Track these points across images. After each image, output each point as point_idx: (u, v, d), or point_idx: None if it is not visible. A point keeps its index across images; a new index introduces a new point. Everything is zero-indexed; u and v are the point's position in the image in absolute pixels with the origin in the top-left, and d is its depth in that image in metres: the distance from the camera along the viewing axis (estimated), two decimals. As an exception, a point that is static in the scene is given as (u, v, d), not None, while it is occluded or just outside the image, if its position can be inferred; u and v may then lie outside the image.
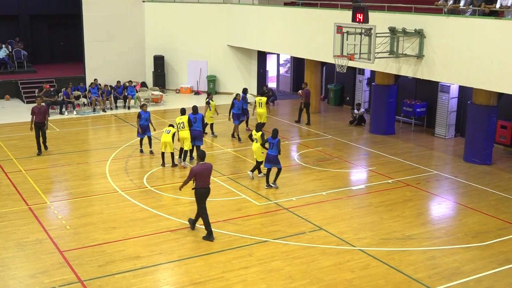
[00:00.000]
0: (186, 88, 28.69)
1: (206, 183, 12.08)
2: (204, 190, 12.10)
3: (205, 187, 12.09)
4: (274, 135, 15.14)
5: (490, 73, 15.62)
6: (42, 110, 17.72)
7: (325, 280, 10.56)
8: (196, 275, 10.68)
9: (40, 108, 17.68)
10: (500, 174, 16.93)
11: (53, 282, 10.37)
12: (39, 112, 17.63)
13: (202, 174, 12.01)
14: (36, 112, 17.62)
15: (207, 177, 12.13)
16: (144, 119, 17.80)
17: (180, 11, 28.37)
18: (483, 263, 11.34)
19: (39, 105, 17.72)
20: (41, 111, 17.66)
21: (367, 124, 22.46)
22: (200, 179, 11.98)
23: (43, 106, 17.88)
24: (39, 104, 17.78)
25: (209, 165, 12.28)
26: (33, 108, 17.74)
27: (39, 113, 17.63)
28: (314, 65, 24.57)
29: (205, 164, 12.17)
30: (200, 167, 12.04)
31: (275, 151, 15.03)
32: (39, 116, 17.65)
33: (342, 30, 17.24)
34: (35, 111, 17.63)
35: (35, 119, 17.68)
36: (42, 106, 17.76)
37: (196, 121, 17.03)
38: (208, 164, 12.27)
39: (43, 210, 13.74)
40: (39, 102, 17.90)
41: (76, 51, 30.46)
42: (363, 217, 13.54)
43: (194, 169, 12.04)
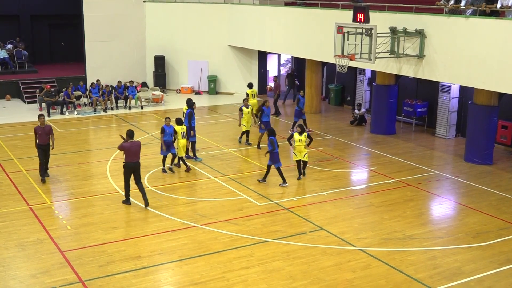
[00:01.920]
0: (187, 88, 28.69)
1: (133, 159, 13.70)
2: (132, 164, 13.75)
3: (133, 162, 13.73)
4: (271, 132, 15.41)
5: (491, 73, 15.61)
6: (46, 130, 15.44)
7: (326, 280, 10.56)
8: (197, 275, 10.68)
9: (44, 128, 15.43)
10: (501, 174, 16.92)
11: (54, 282, 10.38)
12: (43, 132, 15.39)
13: (131, 150, 13.65)
14: (39, 132, 15.39)
15: (136, 153, 13.75)
16: (168, 134, 16.18)
17: (180, 11, 28.37)
18: (484, 263, 11.33)
19: (42, 125, 15.42)
20: (45, 131, 15.42)
21: (368, 124, 22.46)
22: (128, 155, 13.66)
23: (47, 125, 15.59)
24: (43, 123, 15.44)
25: (137, 143, 13.95)
26: (35, 128, 15.47)
27: (43, 134, 15.39)
28: (315, 65, 24.58)
29: (134, 142, 13.82)
30: (130, 144, 13.71)
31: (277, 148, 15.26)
32: (42, 137, 15.42)
33: (343, 30, 17.24)
34: (38, 131, 15.40)
35: (38, 140, 15.45)
36: (46, 126, 15.49)
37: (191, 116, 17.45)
38: (136, 142, 13.95)
39: (44, 210, 13.74)
40: (43, 121, 15.47)
41: (77, 51, 30.50)
42: (364, 217, 13.54)
43: (124, 145, 13.71)
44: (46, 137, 15.48)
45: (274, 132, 15.45)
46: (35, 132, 15.48)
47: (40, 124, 15.44)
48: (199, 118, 23.50)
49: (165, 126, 16.22)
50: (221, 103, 26.43)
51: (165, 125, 16.23)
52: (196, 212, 13.69)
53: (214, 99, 27.68)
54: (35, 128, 15.49)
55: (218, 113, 24.54)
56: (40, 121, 15.47)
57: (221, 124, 22.55)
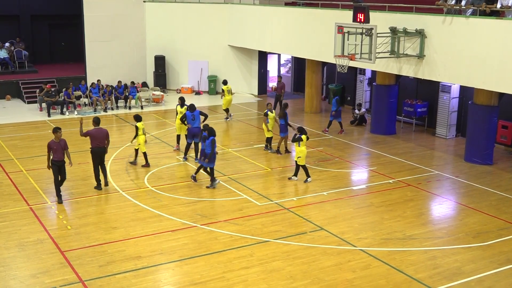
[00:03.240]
0: (187, 88, 28.70)
1: (99, 144, 14.72)
2: (97, 149, 14.76)
3: (99, 147, 14.74)
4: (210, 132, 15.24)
5: (491, 73, 15.61)
6: (62, 144, 13.93)
7: (326, 280, 10.56)
8: (197, 275, 10.68)
9: (59, 142, 13.88)
10: (501, 174, 16.91)
11: (54, 282, 10.38)
12: (59, 147, 13.86)
13: (97, 137, 14.69)
14: (54, 148, 13.82)
15: (102, 139, 14.78)
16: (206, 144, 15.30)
17: (181, 11, 28.38)
18: (484, 263, 11.33)
19: (57, 139, 13.84)
20: (61, 146, 13.90)
21: (368, 124, 22.46)
22: (94, 140, 14.67)
23: (63, 140, 14.00)
24: (58, 138, 13.85)
25: (104, 130, 15.01)
26: (50, 144, 13.83)
27: (58, 149, 13.85)
28: (315, 65, 24.58)
29: (100, 129, 14.91)
30: (96, 131, 14.79)
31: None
32: (58, 153, 13.87)
33: (343, 30, 17.24)
34: (53, 146, 13.81)
35: (54, 156, 13.87)
36: (61, 140, 13.92)
37: (194, 118, 17.09)
38: (103, 129, 15.02)
39: (44, 210, 13.74)
40: (59, 135, 13.88)
41: (77, 51, 30.51)
42: (364, 217, 13.54)
43: (90, 131, 14.75)
44: (62, 153, 13.95)
45: (215, 132, 15.34)
46: (50, 147, 13.81)
47: (54, 139, 13.84)
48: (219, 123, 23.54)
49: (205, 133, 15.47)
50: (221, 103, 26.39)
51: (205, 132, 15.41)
52: (196, 212, 13.69)
53: (214, 99, 27.69)
54: (50, 143, 13.83)
55: (218, 113, 24.54)
56: (55, 135, 13.84)
57: (221, 124, 22.54)
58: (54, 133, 13.88)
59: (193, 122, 17.10)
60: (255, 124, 22.72)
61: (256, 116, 24.42)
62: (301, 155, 15.55)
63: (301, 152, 15.52)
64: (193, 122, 17.11)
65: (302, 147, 15.50)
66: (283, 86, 24.34)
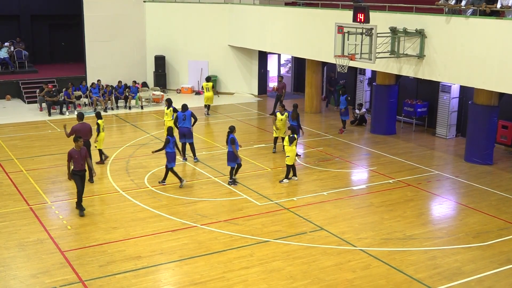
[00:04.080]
0: (187, 88, 28.70)
1: (85, 138, 14.98)
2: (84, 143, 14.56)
3: (84, 141, 14.63)
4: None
5: (491, 73, 15.61)
6: (83, 153, 13.36)
7: (326, 280, 10.56)
8: (197, 275, 10.68)
9: (80, 151, 13.30)
10: (501, 174, 16.91)
11: (54, 282, 10.38)
12: (80, 156, 13.27)
13: (81, 131, 15.18)
14: (76, 157, 13.22)
15: (86, 133, 15.48)
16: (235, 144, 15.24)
17: (181, 11, 28.38)
18: (484, 263, 11.33)
19: (78, 148, 13.27)
20: (82, 155, 13.32)
21: (368, 124, 22.46)
22: (80, 135, 14.46)
23: (83, 148, 13.45)
24: (79, 146, 13.29)
25: (87, 125, 15.72)
26: (71, 152, 13.22)
27: (79, 158, 13.26)
28: (315, 65, 24.58)
29: (83, 123, 15.65)
30: (80, 126, 15.48)
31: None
32: (79, 162, 13.27)
33: (343, 30, 17.23)
34: (74, 155, 13.21)
35: (75, 166, 13.28)
36: (82, 149, 13.36)
37: (185, 118, 17.15)
38: (87, 124, 15.73)
39: (44, 210, 13.74)
40: (80, 144, 13.32)
41: (77, 51, 30.49)
42: (364, 217, 13.54)
43: (74, 127, 15.33)
44: (84, 162, 13.38)
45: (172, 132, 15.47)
46: (71, 156, 13.19)
47: (75, 147, 13.25)
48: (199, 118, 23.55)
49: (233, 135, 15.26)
50: (221, 103, 26.42)
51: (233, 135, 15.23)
52: (196, 212, 13.69)
53: (214, 99, 27.60)
54: (71, 152, 13.21)
55: (218, 113, 24.55)
56: (76, 144, 13.24)
57: (221, 124, 22.54)
58: (75, 141, 13.28)
59: (184, 122, 17.14)
60: (255, 124, 22.73)
61: (256, 116, 24.42)
62: (291, 154, 15.53)
63: (292, 151, 15.51)
64: (183, 122, 17.15)
65: (293, 146, 15.52)
66: (284, 86, 24.30)
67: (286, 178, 15.81)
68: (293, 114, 18.20)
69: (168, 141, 15.12)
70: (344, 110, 21.45)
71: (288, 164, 15.69)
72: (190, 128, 17.24)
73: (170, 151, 15.15)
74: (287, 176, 15.81)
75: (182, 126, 17.20)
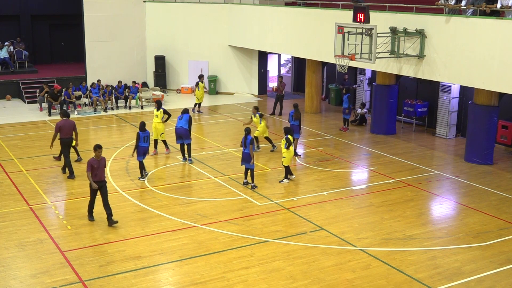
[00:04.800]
0: (187, 88, 28.70)
1: (67, 135, 15.81)
2: (67, 140, 15.90)
3: (67, 138, 15.86)
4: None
5: (491, 73, 15.61)
6: (102, 163, 12.90)
7: (326, 280, 10.56)
8: (197, 275, 10.68)
9: (100, 161, 12.84)
10: (501, 174, 16.91)
11: (54, 282, 10.38)
12: (99, 166, 12.79)
13: (65, 128, 15.73)
14: (96, 166, 12.72)
15: (69, 130, 15.83)
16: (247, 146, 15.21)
17: (181, 11, 28.38)
18: (484, 263, 11.33)
19: (98, 157, 12.79)
20: (101, 166, 12.86)
21: (368, 124, 22.46)
22: (63, 132, 15.73)
23: (103, 158, 12.95)
24: (99, 156, 12.80)
25: (71, 122, 16.04)
26: (91, 162, 12.71)
27: (99, 168, 12.78)
28: (315, 65, 24.58)
29: (67, 120, 15.95)
30: (64, 122, 15.82)
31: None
32: (100, 172, 12.81)
33: (343, 30, 17.23)
34: (94, 165, 12.69)
35: (93, 176, 12.75)
36: (101, 158, 12.89)
37: (182, 118, 17.20)
38: (70, 121, 16.06)
39: (44, 210, 13.74)
40: (99, 154, 12.81)
41: (77, 51, 30.47)
42: (364, 217, 13.54)
43: (58, 123, 15.76)
44: (103, 172, 12.94)
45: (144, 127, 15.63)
46: (91, 166, 12.68)
47: (95, 157, 12.78)
48: (199, 118, 23.55)
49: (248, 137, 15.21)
50: (221, 103, 26.42)
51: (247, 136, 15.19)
52: (196, 212, 13.69)
53: (214, 99, 27.70)
54: (90, 161, 12.72)
55: (218, 113, 24.55)
56: (96, 153, 12.75)
57: (221, 124, 22.55)
58: (95, 151, 12.73)
59: (179, 122, 17.19)
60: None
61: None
62: (287, 156, 15.52)
63: (288, 153, 15.50)
64: (179, 121, 17.19)
65: (290, 148, 15.52)
66: (284, 85, 24.41)
67: (285, 178, 15.82)
68: (296, 113, 18.23)
69: (138, 136, 15.55)
70: (348, 110, 21.53)
71: (284, 165, 15.70)
72: (187, 129, 17.15)
73: (140, 146, 15.58)
74: (286, 176, 15.83)
75: (178, 126, 17.20)
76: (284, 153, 15.49)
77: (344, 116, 21.70)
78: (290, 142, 15.46)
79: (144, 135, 15.63)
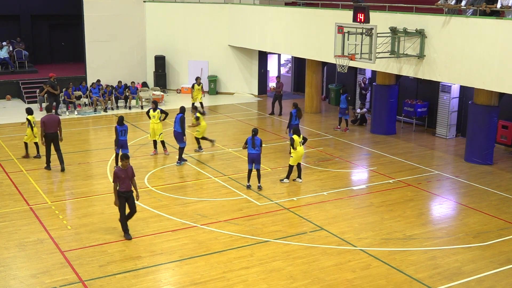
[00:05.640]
0: (187, 88, 28.68)
1: (51, 130, 16.09)
2: (50, 135, 16.12)
3: (51, 133, 16.11)
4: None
5: (491, 73, 15.60)
6: (129, 173, 12.03)
7: (326, 280, 10.56)
8: (197, 275, 10.69)
9: (126, 170, 11.98)
10: (501, 174, 16.91)
11: (54, 282, 10.38)
12: (127, 176, 11.98)
13: (48, 123, 16.01)
14: (122, 176, 11.91)
15: (53, 125, 16.10)
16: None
17: (181, 11, 28.38)
18: (484, 263, 11.33)
19: (124, 167, 11.95)
20: (129, 175, 12.02)
21: (368, 124, 22.46)
22: (47, 127, 16.03)
23: (130, 167, 12.09)
24: (125, 166, 11.97)
25: (55, 117, 16.38)
26: (116, 172, 11.94)
27: (126, 178, 11.97)
28: (315, 65, 24.58)
29: (51, 115, 16.32)
30: (48, 117, 16.10)
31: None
32: (126, 182, 11.99)
33: (343, 30, 17.23)
34: (120, 175, 11.90)
35: (120, 186, 11.98)
36: (128, 168, 12.03)
37: (175, 121, 17.10)
38: (55, 116, 16.43)
39: (44, 210, 13.74)
40: (125, 163, 11.98)
41: (77, 51, 30.49)
42: (364, 217, 13.54)
43: (42, 118, 16.02)
44: (129, 182, 12.09)
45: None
46: (117, 176, 11.91)
47: (121, 166, 11.99)
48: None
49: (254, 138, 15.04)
50: (221, 103, 26.42)
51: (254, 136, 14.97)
52: (196, 212, 13.69)
53: (214, 99, 27.70)
54: (116, 172, 11.94)
55: (218, 113, 24.55)
56: (122, 163, 11.97)
57: (221, 124, 22.55)
58: (121, 160, 11.99)
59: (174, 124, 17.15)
60: (255, 124, 22.72)
61: (256, 116, 24.43)
62: (294, 155, 15.50)
63: (295, 152, 15.48)
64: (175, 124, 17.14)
65: (297, 147, 15.50)
66: (282, 85, 24.47)
67: (286, 178, 15.80)
68: (299, 113, 18.34)
69: (116, 130, 16.07)
70: (347, 111, 21.59)
71: (291, 164, 15.67)
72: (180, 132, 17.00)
73: (118, 139, 16.12)
74: (288, 176, 15.80)
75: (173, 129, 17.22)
76: (292, 153, 15.48)
77: (344, 117, 21.66)
78: (293, 141, 15.38)
79: (121, 129, 16.08)
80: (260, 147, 14.94)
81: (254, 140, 14.86)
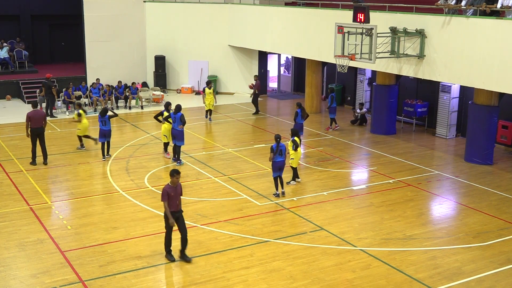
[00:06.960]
0: (187, 88, 28.70)
1: (36, 125, 16.59)
2: (35, 130, 16.61)
3: (37, 128, 16.59)
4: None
5: (491, 73, 15.60)
6: (179, 191, 11.16)
7: (326, 280, 10.56)
8: (197, 275, 10.68)
9: (176, 188, 11.05)
10: (501, 174, 16.91)
11: (54, 282, 10.38)
12: (176, 194, 11.07)
13: (34, 118, 16.49)
14: (172, 194, 10.99)
15: (38, 120, 16.61)
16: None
17: (181, 11, 28.38)
18: (484, 263, 11.33)
19: (174, 184, 11.00)
20: (178, 193, 11.12)
21: (368, 124, 22.46)
22: (33, 122, 16.49)
23: (179, 185, 11.16)
24: (175, 183, 11.01)
25: (41, 112, 16.98)
26: (167, 189, 10.96)
27: (175, 197, 11.05)
28: (315, 65, 24.58)
29: (37, 111, 16.82)
30: (33, 113, 16.62)
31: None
32: (175, 201, 11.06)
33: (343, 30, 17.24)
34: (170, 193, 10.95)
35: (170, 206, 10.98)
36: (178, 185, 11.10)
37: (175, 120, 16.96)
38: (40, 112, 17.00)
39: (44, 210, 13.74)
40: (176, 180, 11.03)
41: (77, 51, 30.49)
42: (364, 217, 13.54)
43: (28, 113, 16.54)
44: (179, 201, 11.15)
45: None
46: (167, 194, 10.91)
47: (171, 183, 10.99)
48: (199, 118, 23.53)
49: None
50: (221, 103, 26.40)
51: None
52: (196, 212, 13.69)
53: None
54: (166, 189, 10.93)
55: (218, 113, 24.54)
56: (172, 179, 10.95)
57: (221, 124, 22.55)
58: (172, 176, 10.94)
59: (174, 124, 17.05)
60: (255, 124, 22.73)
61: (256, 116, 24.40)
62: (295, 157, 15.43)
63: (297, 154, 15.44)
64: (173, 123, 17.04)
65: (298, 149, 15.48)
66: (258, 84, 24.53)
67: (293, 180, 15.75)
68: (303, 112, 18.60)
69: (98, 118, 17.33)
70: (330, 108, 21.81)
71: (293, 166, 15.64)
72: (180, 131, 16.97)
73: (100, 128, 17.27)
74: (293, 178, 15.76)
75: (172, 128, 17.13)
76: (292, 155, 15.43)
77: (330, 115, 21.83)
78: (297, 144, 15.31)
79: (102, 119, 17.23)
80: (284, 155, 14.63)
81: (278, 147, 14.46)
